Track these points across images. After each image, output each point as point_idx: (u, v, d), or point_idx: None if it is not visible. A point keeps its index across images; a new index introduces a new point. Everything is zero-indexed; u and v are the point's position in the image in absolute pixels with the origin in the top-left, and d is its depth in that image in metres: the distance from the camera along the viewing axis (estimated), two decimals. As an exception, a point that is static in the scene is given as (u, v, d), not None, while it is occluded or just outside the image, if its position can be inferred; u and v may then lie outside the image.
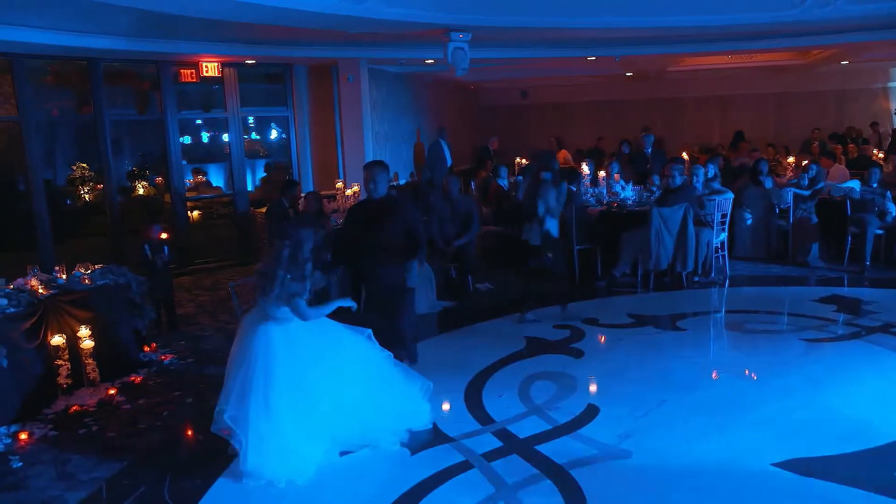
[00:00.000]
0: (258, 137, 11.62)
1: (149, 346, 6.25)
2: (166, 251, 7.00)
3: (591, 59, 12.07)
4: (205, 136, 10.94)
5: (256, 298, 4.28)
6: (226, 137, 10.58)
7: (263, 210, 9.18)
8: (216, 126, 10.77)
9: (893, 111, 16.47)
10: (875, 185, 8.50)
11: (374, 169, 5.14)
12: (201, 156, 10.97)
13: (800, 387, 4.95)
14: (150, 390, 5.51)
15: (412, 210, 5.41)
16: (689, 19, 8.37)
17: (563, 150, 14.12)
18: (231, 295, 5.14)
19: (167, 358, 6.16)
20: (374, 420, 4.27)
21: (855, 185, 8.72)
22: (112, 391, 5.43)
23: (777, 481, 3.75)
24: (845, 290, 7.47)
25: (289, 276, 4.10)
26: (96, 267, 5.93)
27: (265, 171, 11.52)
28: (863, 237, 8.26)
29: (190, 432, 4.79)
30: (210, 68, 9.93)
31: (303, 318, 4.16)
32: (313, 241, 4.30)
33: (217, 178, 11.06)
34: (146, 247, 6.89)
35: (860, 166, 10.36)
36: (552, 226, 6.64)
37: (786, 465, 3.88)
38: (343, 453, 4.19)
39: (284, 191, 8.34)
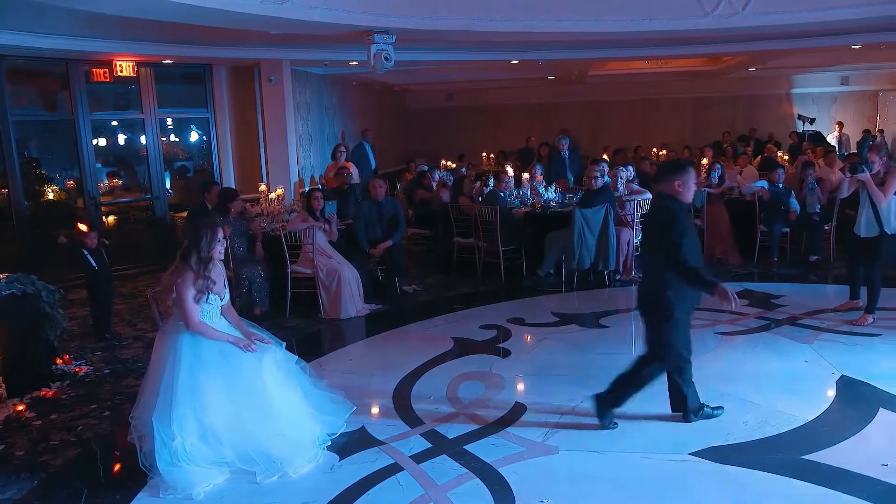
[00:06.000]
0: (177, 139, 11.26)
1: (61, 359, 5.96)
2: (105, 255, 6.84)
3: (514, 62, 12.26)
4: (120, 138, 10.51)
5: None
6: (143, 139, 10.20)
7: (184, 214, 8.89)
8: (132, 128, 10.36)
9: (796, 116, 17.45)
10: (780, 186, 8.98)
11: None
12: (116, 158, 10.53)
13: (715, 378, 5.16)
14: (64, 404, 5.25)
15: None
16: (605, 25, 8.62)
17: (346, 164, 10.90)
18: (150, 302, 4.96)
19: (82, 370, 5.89)
20: (275, 442, 4.06)
21: (763, 185, 9.19)
22: (21, 407, 5.14)
23: (695, 469, 3.91)
24: (755, 286, 7.84)
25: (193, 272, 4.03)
26: (2, 276, 5.60)
27: (182, 175, 11.17)
28: (770, 234, 8.72)
29: (107, 447, 4.55)
30: (124, 68, 9.55)
31: (187, 322, 4.04)
32: (222, 240, 4.21)
33: (134, 182, 10.64)
34: (84, 252, 6.64)
35: (766, 167, 10.92)
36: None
37: (703, 453, 4.06)
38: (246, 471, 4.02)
39: (206, 191, 8.08)
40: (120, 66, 9.50)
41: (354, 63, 11.12)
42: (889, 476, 3.72)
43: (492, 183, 9.07)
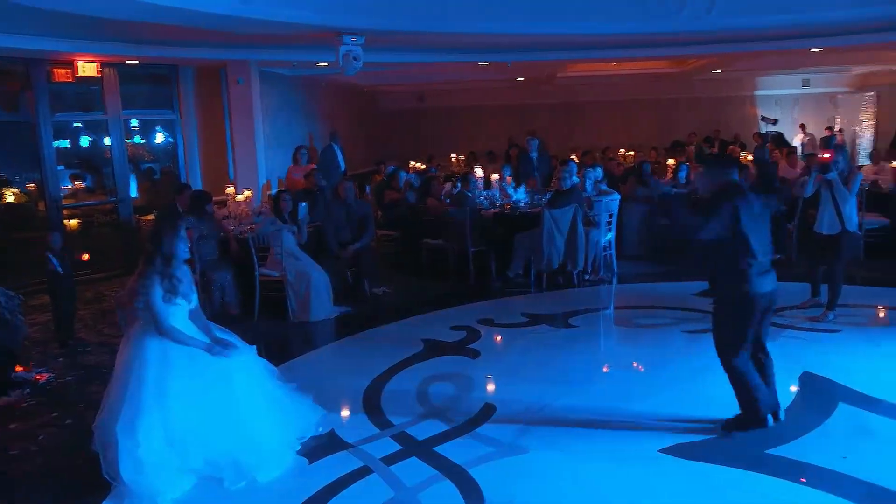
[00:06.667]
0: (143, 141, 11.07)
1: (21, 366, 5.82)
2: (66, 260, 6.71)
3: (483, 63, 12.30)
4: (84, 140, 10.30)
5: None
6: (107, 141, 10.01)
7: (151, 217, 8.72)
8: (96, 129, 10.16)
9: (759, 117, 17.80)
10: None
11: None
12: (80, 160, 10.32)
13: (683, 377, 5.24)
14: (24, 413, 5.13)
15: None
16: (574, 27, 8.69)
17: (311, 165, 10.31)
18: (115, 307, 4.87)
19: (42, 377, 5.75)
20: (244, 448, 4.01)
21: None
22: (-21, 416, 5.02)
23: (663, 466, 3.96)
24: (721, 284, 7.93)
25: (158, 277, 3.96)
26: (-42, 282, 5.47)
27: (148, 178, 10.99)
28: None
29: (69, 456, 4.44)
30: (87, 68, 9.34)
31: (158, 327, 3.96)
32: (185, 238, 4.15)
33: (98, 184, 10.43)
34: (49, 255, 6.50)
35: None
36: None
37: (671, 450, 4.11)
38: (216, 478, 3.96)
39: (178, 193, 7.94)
40: (83, 66, 9.30)
41: (323, 64, 11.05)
42: (848, 468, 3.81)
43: (460, 184, 9.10)
